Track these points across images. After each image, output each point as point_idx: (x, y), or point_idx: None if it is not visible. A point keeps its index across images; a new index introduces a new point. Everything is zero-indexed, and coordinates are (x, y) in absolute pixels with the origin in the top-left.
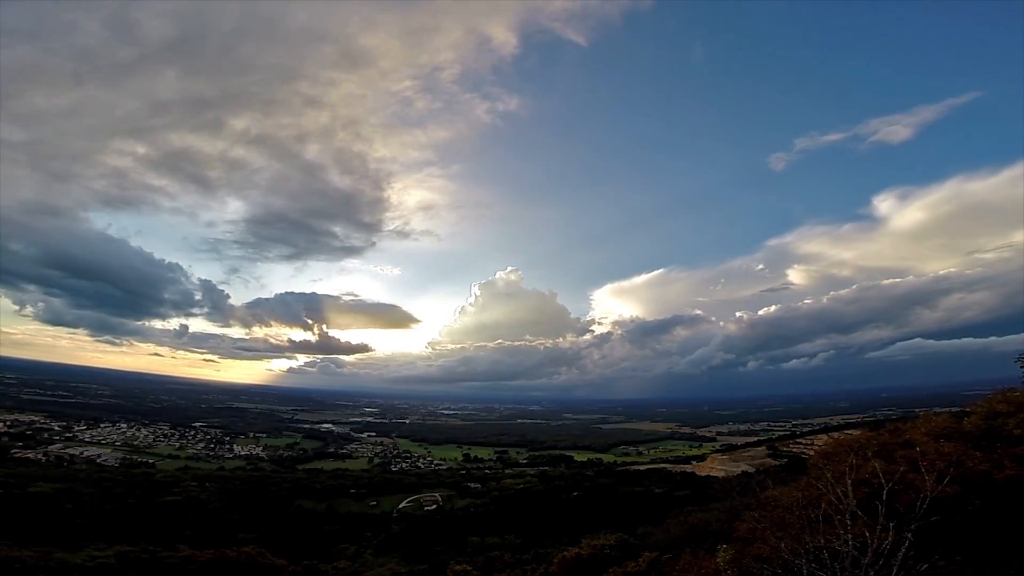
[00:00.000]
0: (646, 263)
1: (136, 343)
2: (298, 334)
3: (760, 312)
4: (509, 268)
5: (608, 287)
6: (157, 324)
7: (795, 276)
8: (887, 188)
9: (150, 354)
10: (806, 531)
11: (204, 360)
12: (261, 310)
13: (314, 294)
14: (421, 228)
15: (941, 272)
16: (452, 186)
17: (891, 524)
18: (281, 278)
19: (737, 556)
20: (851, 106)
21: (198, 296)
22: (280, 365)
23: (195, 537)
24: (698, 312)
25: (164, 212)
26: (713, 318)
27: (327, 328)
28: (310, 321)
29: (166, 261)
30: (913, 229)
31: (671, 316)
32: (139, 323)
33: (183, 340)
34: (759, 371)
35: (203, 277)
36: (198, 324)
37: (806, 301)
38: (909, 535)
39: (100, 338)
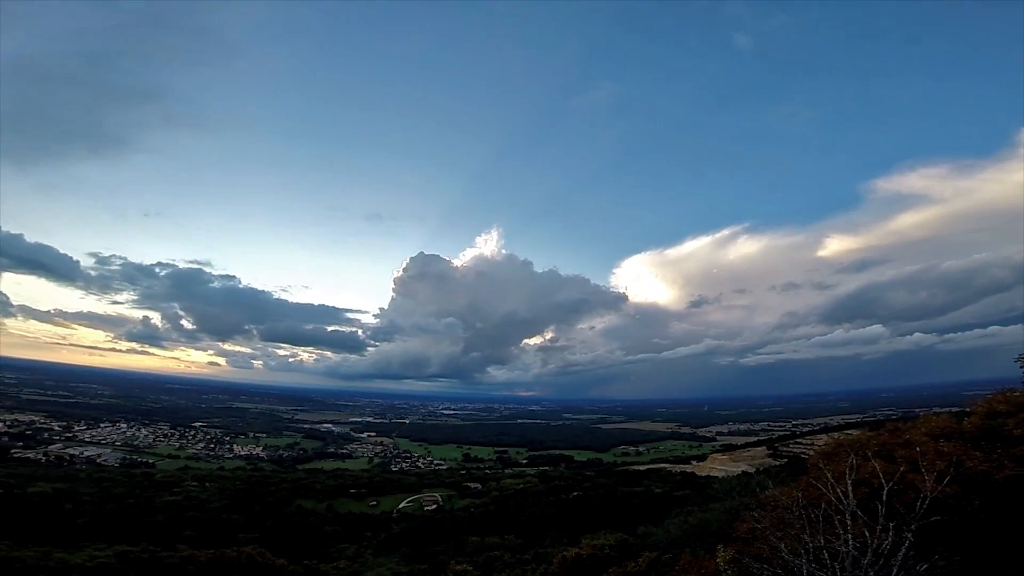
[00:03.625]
0: (699, 224)
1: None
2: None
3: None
4: (491, 229)
5: (646, 255)
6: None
7: (888, 235)
8: None
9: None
10: (806, 531)
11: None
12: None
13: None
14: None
15: None
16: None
17: (891, 524)
18: None
19: (737, 556)
20: None
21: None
22: (199, 357)
23: (195, 537)
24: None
25: None
26: (768, 293)
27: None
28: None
29: None
30: None
31: (700, 296)
32: None
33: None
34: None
35: None
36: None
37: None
38: (909, 535)
39: None
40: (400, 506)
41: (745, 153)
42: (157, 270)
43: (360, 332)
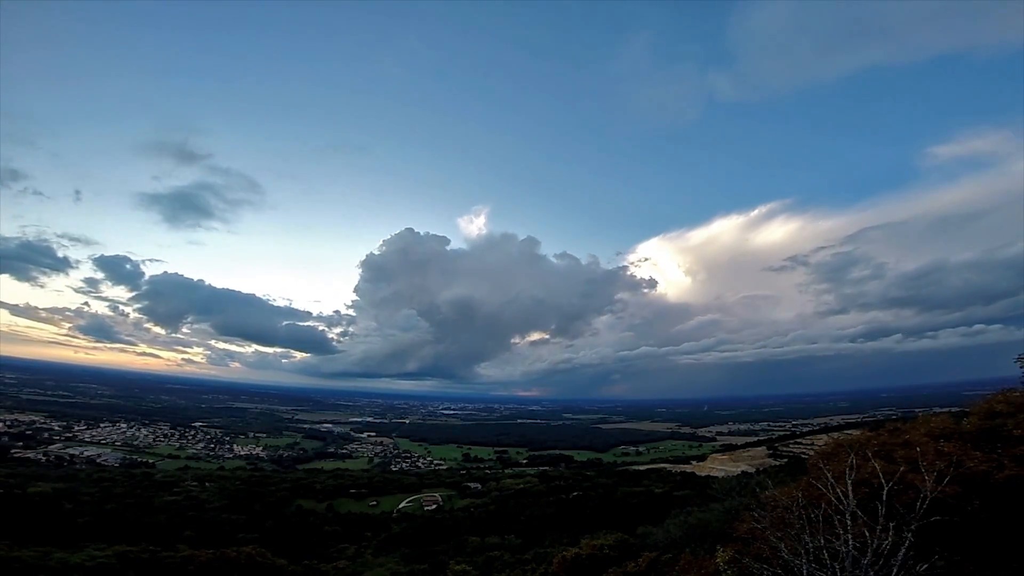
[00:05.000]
0: (731, 201)
1: None
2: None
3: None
4: (477, 208)
5: (664, 237)
6: None
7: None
8: None
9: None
10: (806, 531)
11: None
12: None
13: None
14: None
15: None
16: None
17: (891, 524)
18: None
19: (737, 556)
20: None
21: None
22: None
23: (195, 537)
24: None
25: None
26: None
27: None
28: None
29: None
30: None
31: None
32: None
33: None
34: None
35: None
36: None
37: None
38: (909, 535)
39: None
40: (400, 506)
41: (789, 116)
42: (61, 251)
43: (321, 327)
